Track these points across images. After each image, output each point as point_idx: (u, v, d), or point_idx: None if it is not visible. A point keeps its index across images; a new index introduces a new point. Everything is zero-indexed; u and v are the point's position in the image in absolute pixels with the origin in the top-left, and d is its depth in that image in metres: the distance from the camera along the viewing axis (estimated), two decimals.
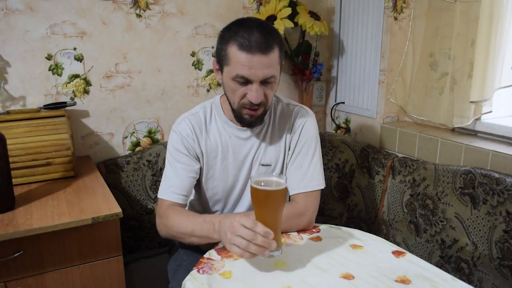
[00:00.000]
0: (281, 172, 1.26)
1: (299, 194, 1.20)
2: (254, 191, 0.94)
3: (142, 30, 1.71)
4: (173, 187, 1.19)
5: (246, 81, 1.09)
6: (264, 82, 1.09)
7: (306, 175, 1.21)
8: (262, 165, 1.24)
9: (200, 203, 1.33)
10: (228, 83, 1.12)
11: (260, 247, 0.91)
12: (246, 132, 1.23)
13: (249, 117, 1.15)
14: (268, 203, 0.94)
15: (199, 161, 1.23)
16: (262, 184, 0.93)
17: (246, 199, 1.27)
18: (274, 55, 1.08)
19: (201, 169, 1.24)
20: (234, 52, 1.06)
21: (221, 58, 1.11)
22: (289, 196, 1.25)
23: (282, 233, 1.14)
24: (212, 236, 1.05)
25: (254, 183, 0.93)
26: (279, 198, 0.94)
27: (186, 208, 1.43)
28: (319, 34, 1.86)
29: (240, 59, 1.06)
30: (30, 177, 1.39)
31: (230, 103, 1.17)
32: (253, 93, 1.09)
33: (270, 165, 1.25)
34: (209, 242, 1.09)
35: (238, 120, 1.18)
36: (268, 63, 1.07)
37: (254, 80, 1.08)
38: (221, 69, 1.13)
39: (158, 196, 1.22)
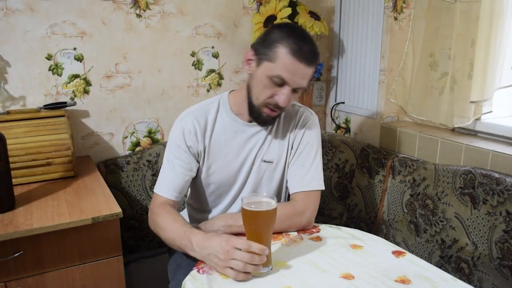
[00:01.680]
0: (283, 171, 1.27)
1: (299, 193, 1.21)
2: (245, 212, 0.95)
3: (142, 30, 1.71)
4: (168, 183, 1.20)
5: (281, 84, 1.11)
6: (295, 90, 1.13)
7: (307, 174, 1.22)
8: (264, 161, 1.25)
9: (197, 201, 1.33)
10: (261, 79, 1.13)
11: (256, 266, 0.92)
12: (252, 129, 1.24)
13: (267, 116, 1.17)
14: (259, 223, 0.95)
15: (198, 159, 1.23)
16: (253, 206, 0.94)
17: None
18: (313, 69, 1.13)
19: (199, 167, 1.24)
20: (284, 53, 1.08)
21: (263, 52, 1.12)
22: (289, 195, 1.26)
23: (282, 233, 1.14)
24: (189, 253, 1.04)
25: (245, 204, 0.95)
26: (269, 218, 0.96)
27: (185, 208, 1.44)
28: (319, 34, 1.86)
29: (287, 63, 1.08)
30: (30, 177, 1.39)
31: (251, 98, 1.17)
32: (284, 97, 1.11)
33: (272, 162, 1.25)
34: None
35: (254, 116, 1.19)
36: (307, 75, 1.12)
37: (290, 85, 1.10)
38: (258, 62, 1.13)
39: (154, 190, 1.23)
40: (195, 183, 1.28)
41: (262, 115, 1.17)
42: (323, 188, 1.23)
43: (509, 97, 1.58)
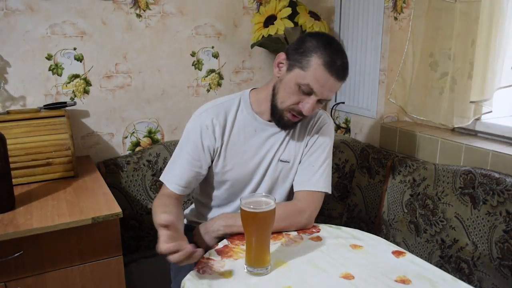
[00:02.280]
0: (297, 170, 1.27)
1: (303, 191, 1.22)
2: (244, 213, 0.95)
3: (142, 30, 1.71)
4: (174, 176, 1.21)
5: (308, 93, 1.12)
6: (320, 100, 1.14)
7: (314, 175, 1.22)
8: (281, 161, 1.25)
9: (208, 197, 1.32)
10: (289, 84, 1.13)
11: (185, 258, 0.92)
12: (272, 128, 1.24)
13: (288, 120, 1.17)
14: (258, 223, 0.96)
15: (213, 156, 1.23)
16: (252, 206, 0.94)
17: None
18: (341, 84, 1.15)
19: (214, 163, 1.24)
20: (318, 65, 1.09)
21: (297, 59, 1.12)
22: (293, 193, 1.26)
23: (281, 232, 1.14)
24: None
25: (244, 205, 0.95)
26: (268, 218, 0.96)
27: (191, 205, 1.43)
28: None
29: (319, 75, 1.09)
30: (30, 177, 1.39)
31: (275, 101, 1.17)
32: (308, 106, 1.12)
33: (288, 162, 1.26)
34: None
35: (275, 119, 1.20)
36: (335, 89, 1.14)
37: (317, 96, 1.12)
38: (290, 67, 1.14)
39: (161, 178, 1.25)
40: (208, 179, 1.27)
41: (283, 119, 1.18)
42: (328, 191, 1.23)
43: (509, 97, 1.58)
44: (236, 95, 1.27)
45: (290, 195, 1.30)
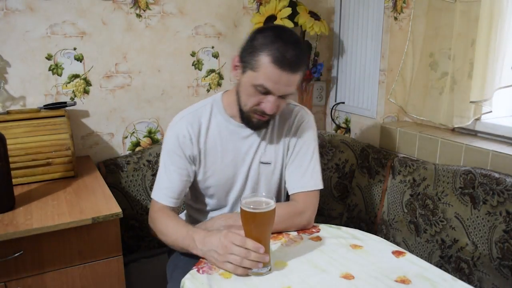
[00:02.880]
0: (281, 172, 1.26)
1: (299, 193, 1.21)
2: (244, 213, 0.95)
3: (142, 30, 1.71)
4: (165, 189, 1.20)
5: (266, 92, 1.08)
6: (282, 96, 1.10)
7: (305, 174, 1.21)
8: (262, 163, 1.24)
9: (199, 202, 1.32)
10: (246, 87, 1.11)
11: (254, 262, 0.93)
12: (247, 130, 1.22)
13: (257, 121, 1.16)
14: (258, 223, 0.96)
15: (194, 163, 1.23)
16: (252, 206, 0.94)
17: None
18: (300, 75, 1.09)
19: (196, 171, 1.24)
20: (266, 63, 1.05)
21: (248, 60, 1.09)
22: (288, 195, 1.26)
23: (282, 232, 1.14)
24: (191, 251, 1.05)
25: (244, 205, 0.95)
26: (268, 218, 0.96)
27: (184, 211, 1.43)
28: (319, 34, 1.86)
29: (270, 73, 1.05)
30: (30, 177, 1.39)
31: (240, 104, 1.16)
32: (270, 105, 1.09)
33: (270, 163, 1.25)
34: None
35: (245, 122, 1.18)
36: (293, 82, 1.09)
37: (275, 94, 1.08)
38: (243, 69, 1.12)
39: (151, 196, 1.23)
40: (195, 186, 1.27)
41: (252, 121, 1.16)
42: (321, 187, 1.23)
43: (509, 97, 1.58)
44: (208, 100, 1.26)
45: (277, 197, 1.30)
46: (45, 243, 1.15)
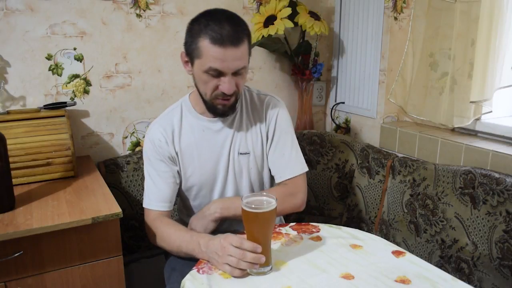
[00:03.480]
0: (262, 160, 1.28)
1: (286, 180, 1.25)
2: (245, 213, 0.96)
3: (142, 30, 1.71)
4: (154, 196, 1.22)
5: (218, 74, 1.10)
6: (236, 73, 1.11)
7: (289, 161, 1.25)
8: (240, 153, 1.26)
9: (186, 206, 1.33)
10: (199, 76, 1.13)
11: (250, 263, 0.94)
12: (218, 123, 1.24)
13: (222, 106, 1.16)
14: (259, 223, 0.96)
15: (176, 164, 1.24)
16: (253, 206, 0.94)
17: (230, 190, 1.28)
18: (244, 47, 1.10)
19: (179, 171, 1.25)
20: (206, 45, 1.07)
21: (191, 51, 1.12)
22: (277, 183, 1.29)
23: (278, 215, 1.15)
24: (197, 256, 1.06)
25: (245, 205, 0.95)
26: (269, 218, 0.96)
27: (175, 214, 1.44)
28: (319, 34, 1.86)
29: (213, 53, 1.06)
30: (30, 177, 1.39)
31: (201, 95, 1.17)
32: (226, 85, 1.10)
33: (248, 153, 1.26)
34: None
35: (211, 111, 1.19)
36: (240, 55, 1.09)
37: (227, 72, 1.09)
38: (191, 61, 1.14)
39: (143, 205, 1.25)
40: (179, 188, 1.29)
41: (217, 108, 1.17)
42: (307, 169, 1.27)
43: (509, 97, 1.58)
44: (177, 103, 1.29)
45: (261, 186, 1.32)
46: (45, 243, 1.15)
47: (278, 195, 1.12)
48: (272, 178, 1.31)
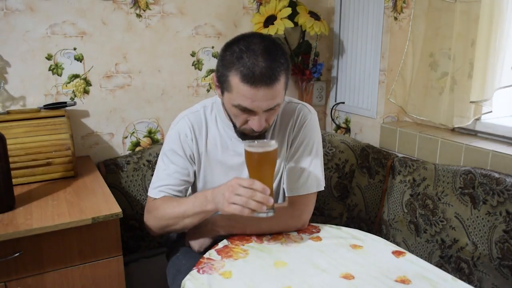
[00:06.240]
0: (282, 170, 1.25)
1: (294, 196, 1.18)
2: (247, 153, 1.00)
3: (142, 30, 1.71)
4: (165, 186, 1.18)
5: (249, 111, 1.02)
6: (268, 110, 1.03)
7: (301, 177, 1.18)
8: None
9: None
10: (229, 107, 1.06)
11: (259, 203, 0.94)
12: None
13: (252, 134, 1.09)
14: (262, 163, 1.00)
15: (194, 163, 1.21)
16: (255, 145, 0.99)
17: None
18: (280, 85, 1.01)
19: (196, 173, 1.22)
20: (236, 83, 0.98)
21: (222, 82, 1.04)
22: (286, 196, 1.24)
23: (277, 234, 1.14)
24: (206, 208, 1.05)
25: (248, 146, 0.99)
26: (271, 158, 1.00)
27: None
28: (319, 34, 1.86)
29: (243, 92, 0.98)
30: (30, 177, 1.39)
31: (230, 119, 1.11)
32: (256, 122, 1.03)
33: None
34: (203, 219, 1.10)
35: (239, 136, 1.13)
36: (273, 95, 1.00)
37: (258, 111, 1.02)
38: (221, 90, 1.06)
39: (149, 194, 1.21)
40: (194, 187, 1.27)
41: (247, 135, 1.09)
42: (319, 188, 1.19)
43: (509, 97, 1.58)
44: (209, 101, 1.22)
45: (277, 194, 1.28)
46: (45, 243, 1.15)
47: (280, 219, 1.12)
48: None
